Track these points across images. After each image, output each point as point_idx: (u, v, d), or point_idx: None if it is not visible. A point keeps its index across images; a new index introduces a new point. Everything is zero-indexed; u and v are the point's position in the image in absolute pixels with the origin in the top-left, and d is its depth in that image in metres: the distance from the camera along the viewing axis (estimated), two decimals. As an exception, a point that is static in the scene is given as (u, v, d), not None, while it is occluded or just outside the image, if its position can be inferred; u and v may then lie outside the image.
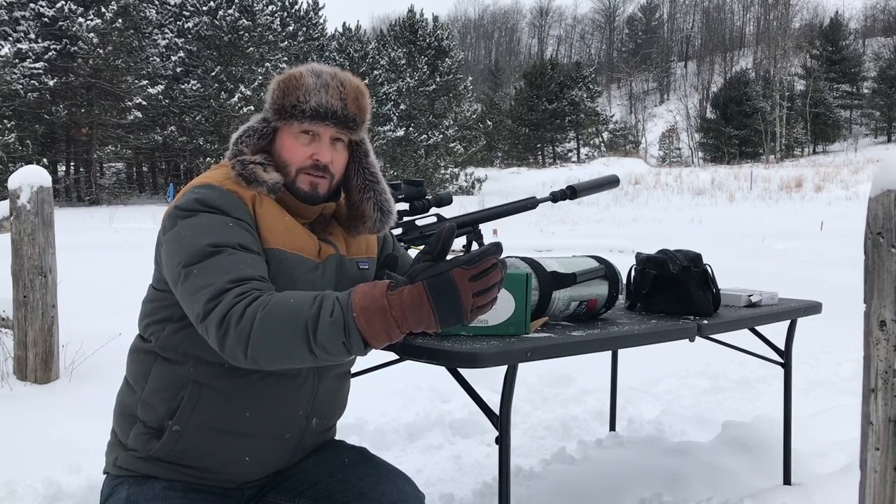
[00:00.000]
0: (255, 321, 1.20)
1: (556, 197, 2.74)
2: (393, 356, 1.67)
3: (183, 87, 31.24)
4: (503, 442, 1.57)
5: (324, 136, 1.50)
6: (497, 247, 1.17)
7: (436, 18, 43.10)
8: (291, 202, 1.50)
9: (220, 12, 31.74)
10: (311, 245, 1.50)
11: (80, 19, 26.95)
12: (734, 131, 55.35)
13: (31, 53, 26.47)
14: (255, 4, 33.22)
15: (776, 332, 2.48)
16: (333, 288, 1.51)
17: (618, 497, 2.51)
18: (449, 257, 1.20)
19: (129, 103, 28.81)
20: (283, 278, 1.43)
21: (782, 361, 2.55)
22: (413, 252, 1.92)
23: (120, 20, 28.01)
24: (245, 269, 1.31)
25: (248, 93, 30.82)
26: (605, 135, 58.47)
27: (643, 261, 2.18)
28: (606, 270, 1.94)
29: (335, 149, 1.52)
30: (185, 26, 32.41)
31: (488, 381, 2.32)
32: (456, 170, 40.10)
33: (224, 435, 1.46)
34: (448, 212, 2.51)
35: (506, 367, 1.58)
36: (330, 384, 1.58)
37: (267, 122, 1.52)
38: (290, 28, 37.68)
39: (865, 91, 61.60)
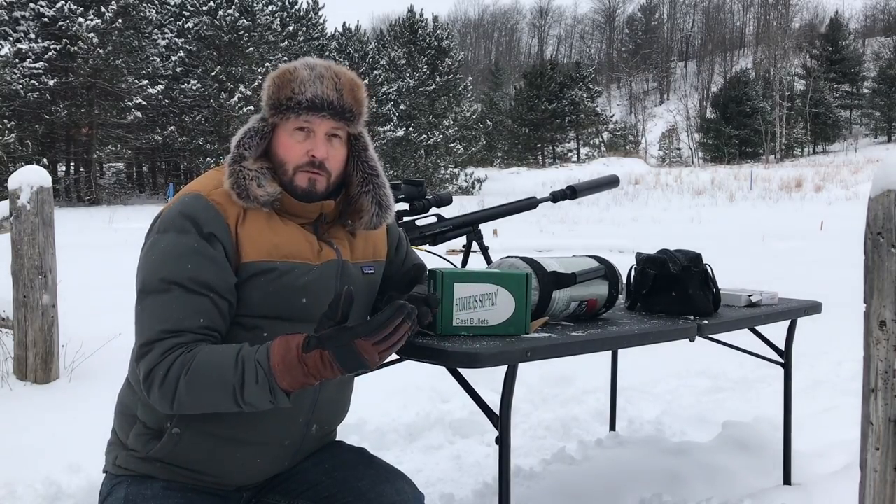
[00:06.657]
0: (178, 384, 1.31)
1: (556, 197, 2.74)
2: (393, 356, 1.67)
3: (183, 87, 31.23)
4: (503, 442, 1.57)
5: (319, 132, 1.47)
6: (401, 309, 1.26)
7: (436, 18, 43.09)
8: (290, 203, 1.48)
9: (220, 12, 31.72)
10: (307, 249, 1.48)
11: (80, 19, 26.94)
12: (734, 131, 55.32)
13: (31, 53, 26.46)
14: (255, 4, 33.21)
15: (776, 332, 2.48)
16: (335, 291, 1.49)
17: (618, 497, 2.51)
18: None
19: (129, 103, 28.81)
20: (272, 286, 1.43)
21: (782, 361, 2.55)
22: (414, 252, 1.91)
23: (120, 20, 27.99)
24: (183, 320, 1.35)
25: (248, 93, 30.80)
26: (605, 135, 58.44)
27: (643, 261, 2.18)
28: (606, 270, 1.94)
29: (332, 145, 1.49)
30: (185, 26, 32.39)
31: (488, 381, 2.31)
32: (456, 170, 40.08)
33: (223, 441, 1.46)
34: (448, 212, 2.51)
35: (506, 367, 1.58)
36: (331, 391, 1.56)
37: (265, 121, 1.50)
38: (290, 28, 37.62)
39: (865, 91, 61.58)
